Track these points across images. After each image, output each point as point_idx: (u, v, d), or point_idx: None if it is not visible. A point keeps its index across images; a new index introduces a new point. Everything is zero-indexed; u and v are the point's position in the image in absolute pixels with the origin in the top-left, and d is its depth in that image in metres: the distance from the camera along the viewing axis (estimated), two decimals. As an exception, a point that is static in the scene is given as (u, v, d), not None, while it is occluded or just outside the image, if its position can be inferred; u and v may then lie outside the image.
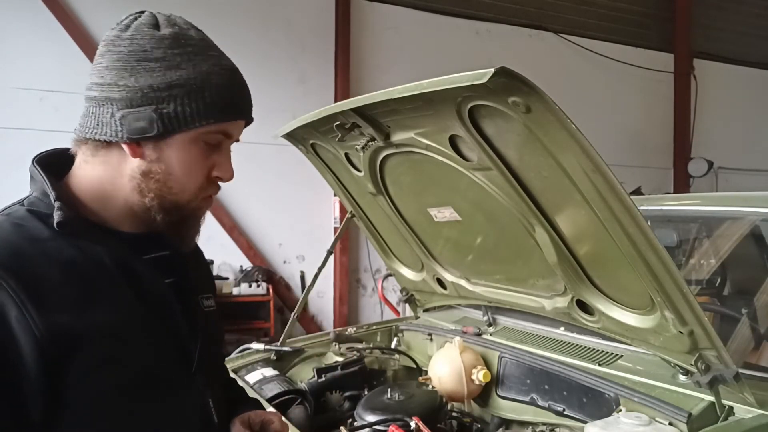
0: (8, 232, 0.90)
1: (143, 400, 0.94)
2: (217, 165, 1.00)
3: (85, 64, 5.53)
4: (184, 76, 0.92)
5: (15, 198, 0.99)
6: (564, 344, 1.99)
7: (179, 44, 0.94)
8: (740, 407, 1.46)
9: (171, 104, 0.91)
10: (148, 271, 0.99)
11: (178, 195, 0.97)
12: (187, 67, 0.93)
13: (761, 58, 9.25)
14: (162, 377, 0.97)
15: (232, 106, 0.97)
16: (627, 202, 1.26)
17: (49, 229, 0.91)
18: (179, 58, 0.93)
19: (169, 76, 0.91)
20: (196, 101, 0.93)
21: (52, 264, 0.88)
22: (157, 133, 0.92)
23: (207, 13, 5.91)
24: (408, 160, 1.67)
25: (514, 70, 1.11)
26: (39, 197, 0.96)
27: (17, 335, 0.82)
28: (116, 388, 0.90)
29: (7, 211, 0.94)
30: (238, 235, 6.15)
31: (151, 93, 0.91)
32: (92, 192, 0.97)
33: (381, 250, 2.41)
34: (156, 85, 0.91)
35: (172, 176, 0.95)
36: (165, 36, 0.93)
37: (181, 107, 0.92)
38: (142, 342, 0.95)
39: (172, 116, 0.92)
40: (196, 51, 0.95)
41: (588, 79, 7.98)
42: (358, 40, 6.77)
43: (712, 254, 2.45)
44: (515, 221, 1.58)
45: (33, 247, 0.89)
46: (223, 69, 0.96)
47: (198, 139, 0.95)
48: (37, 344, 0.82)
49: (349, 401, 2.14)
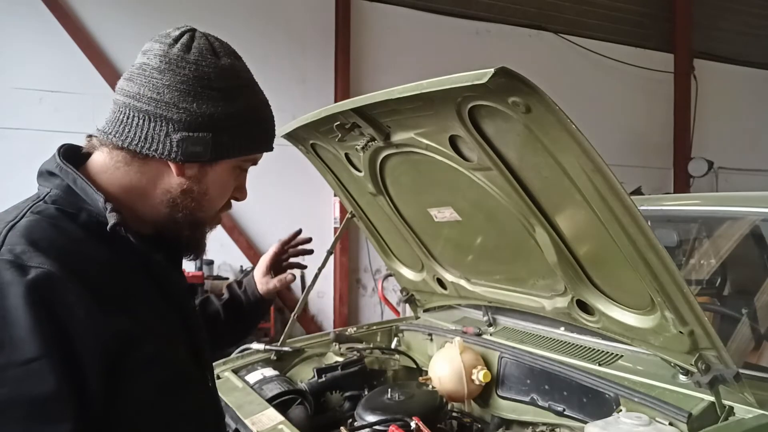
0: (52, 232, 0.89)
1: (174, 396, 0.97)
2: (238, 187, 1.08)
3: (85, 64, 5.54)
4: (239, 110, 0.99)
5: (15, 198, 0.99)
6: (564, 344, 1.99)
7: (236, 77, 1.00)
8: (740, 407, 1.46)
9: (226, 134, 0.97)
10: (173, 272, 1.04)
11: (206, 213, 1.04)
12: (241, 101, 1.00)
13: (761, 58, 9.25)
14: (186, 374, 1.01)
15: (268, 138, 1.06)
16: (627, 202, 1.26)
17: (80, 230, 0.92)
18: (236, 92, 0.99)
19: (228, 108, 0.97)
20: (246, 134, 1.01)
21: (95, 265, 0.90)
22: (209, 159, 0.98)
23: (207, 13, 5.92)
24: (408, 160, 1.67)
25: (514, 70, 1.11)
26: (62, 195, 0.95)
27: (84, 336, 0.83)
28: (155, 385, 0.93)
29: (35, 209, 0.93)
30: (238, 235, 6.15)
31: (209, 122, 0.96)
32: (121, 196, 0.98)
33: (381, 250, 2.40)
34: (216, 114, 0.96)
35: (207, 197, 1.02)
36: (225, 67, 0.99)
37: (234, 139, 0.99)
38: (173, 340, 0.99)
39: (226, 144, 0.98)
40: (248, 84, 1.03)
41: (588, 79, 7.98)
42: (358, 40, 6.78)
43: (712, 254, 2.45)
44: (515, 221, 1.58)
45: (76, 248, 0.89)
46: (264, 105, 1.06)
47: (237, 166, 1.04)
48: (101, 343, 0.84)
49: (349, 401, 2.14)
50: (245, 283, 1.54)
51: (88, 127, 1.04)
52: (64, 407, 0.80)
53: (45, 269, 0.82)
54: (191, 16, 5.76)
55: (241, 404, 1.83)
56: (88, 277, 0.86)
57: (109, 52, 5.67)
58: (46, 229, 0.89)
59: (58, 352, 0.80)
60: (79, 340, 0.82)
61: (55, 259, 0.84)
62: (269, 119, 1.06)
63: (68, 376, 0.81)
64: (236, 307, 1.50)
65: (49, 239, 0.87)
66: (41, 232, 0.88)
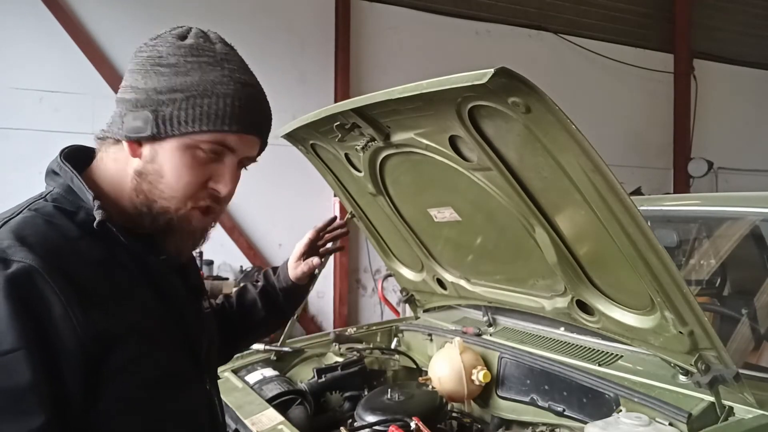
0: (44, 229, 0.90)
1: (162, 397, 0.96)
2: (215, 177, 0.97)
3: (85, 64, 5.54)
4: (188, 82, 0.92)
5: (15, 197, 0.99)
6: (564, 344, 1.99)
7: (195, 53, 0.94)
8: (740, 407, 1.46)
9: (169, 107, 0.92)
10: (168, 272, 1.02)
11: (168, 201, 0.96)
12: (194, 74, 0.93)
13: (761, 58, 9.25)
14: (177, 375, 1.00)
15: (231, 117, 0.93)
16: (627, 202, 1.26)
17: (76, 228, 0.92)
18: (190, 66, 0.93)
19: (174, 81, 0.92)
20: (193, 107, 0.92)
21: (84, 263, 0.90)
22: (152, 134, 0.93)
23: (207, 13, 5.92)
24: (408, 160, 1.67)
25: (514, 71, 1.11)
26: (62, 193, 0.96)
27: (61, 332, 0.83)
28: (141, 385, 0.92)
29: (34, 206, 0.94)
30: (238, 236, 6.15)
31: (153, 95, 0.92)
32: (109, 188, 0.99)
33: (381, 250, 2.40)
34: (159, 88, 0.92)
35: (163, 180, 0.95)
36: (184, 45, 0.95)
37: (178, 111, 0.92)
38: (164, 341, 0.97)
39: (167, 119, 0.92)
40: (211, 62, 0.95)
41: (588, 80, 7.98)
42: (358, 40, 6.78)
43: (712, 254, 2.45)
44: (515, 221, 1.58)
45: (68, 246, 0.90)
46: (233, 80, 0.95)
47: (193, 146, 0.94)
48: (80, 342, 0.84)
49: (349, 402, 2.14)
50: (279, 269, 1.55)
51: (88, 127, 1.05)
52: (38, 400, 0.80)
53: (25, 264, 0.82)
54: (191, 16, 5.77)
55: (241, 404, 1.83)
56: (73, 275, 0.86)
57: (109, 52, 5.67)
58: (38, 225, 0.90)
59: (34, 345, 0.81)
60: (55, 335, 0.83)
61: (39, 254, 0.84)
62: (236, 96, 0.94)
63: (44, 370, 0.81)
64: (271, 293, 1.51)
65: (38, 235, 0.88)
66: (32, 228, 0.89)
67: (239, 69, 0.97)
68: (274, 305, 1.51)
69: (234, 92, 0.94)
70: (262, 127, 1.00)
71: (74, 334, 0.83)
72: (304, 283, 1.54)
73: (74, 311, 0.84)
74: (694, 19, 8.72)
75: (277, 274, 1.54)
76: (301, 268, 1.51)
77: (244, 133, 0.97)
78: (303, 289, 1.55)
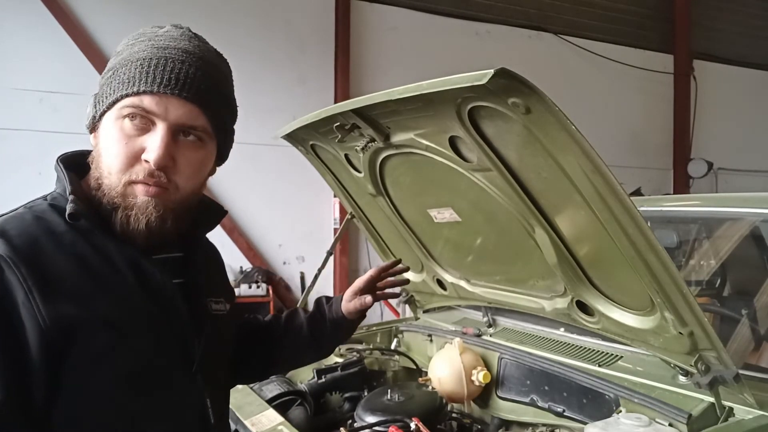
0: (28, 223, 0.93)
1: (138, 394, 0.95)
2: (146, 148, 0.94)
3: (85, 65, 5.54)
4: (118, 60, 0.98)
5: (15, 198, 1.01)
6: (564, 345, 1.99)
7: (136, 37, 0.99)
8: (740, 408, 1.46)
9: (103, 87, 0.98)
10: (157, 270, 1.00)
11: (108, 178, 0.96)
12: (124, 52, 0.98)
13: (761, 59, 9.25)
14: (160, 374, 0.99)
15: (142, 77, 0.93)
16: (627, 202, 1.26)
17: (65, 224, 0.94)
18: (125, 47, 0.99)
19: (112, 62, 0.99)
20: (114, 79, 0.96)
21: (63, 256, 0.91)
22: (93, 116, 0.99)
23: (206, 15, 5.92)
24: (408, 161, 1.67)
25: (513, 71, 1.11)
26: (61, 193, 0.99)
27: (23, 319, 0.85)
28: (112, 380, 0.92)
29: (30, 204, 0.98)
30: (238, 236, 6.15)
31: (101, 81, 0.99)
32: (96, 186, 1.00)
33: (381, 250, 2.40)
34: (103, 73, 0.99)
35: (102, 158, 0.97)
36: (140, 32, 1.00)
37: (106, 87, 0.97)
38: (143, 338, 0.96)
39: (100, 97, 0.98)
40: (144, 39, 0.98)
41: (588, 80, 7.99)
42: (357, 40, 6.78)
43: (712, 255, 2.45)
44: (515, 222, 1.58)
45: (48, 239, 0.92)
46: (155, 48, 0.96)
47: (119, 116, 0.95)
48: (41, 330, 0.85)
49: (349, 402, 2.14)
50: (333, 300, 1.50)
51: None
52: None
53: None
54: (191, 17, 5.77)
55: (241, 405, 1.83)
56: (42, 266, 0.88)
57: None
58: (25, 220, 0.93)
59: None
60: (18, 321, 0.85)
61: (13, 246, 0.87)
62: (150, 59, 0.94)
63: (4, 351, 0.83)
64: (319, 321, 1.46)
65: (19, 229, 0.91)
66: (17, 222, 0.92)
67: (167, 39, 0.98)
68: (319, 334, 1.45)
69: (149, 56, 0.95)
70: (185, 86, 0.95)
71: (35, 321, 0.85)
72: (353, 318, 1.46)
73: (36, 299, 0.85)
74: (693, 20, 8.73)
75: (329, 304, 1.49)
76: (354, 303, 1.44)
77: (161, 93, 0.93)
78: (350, 325, 1.48)
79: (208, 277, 1.18)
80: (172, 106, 0.95)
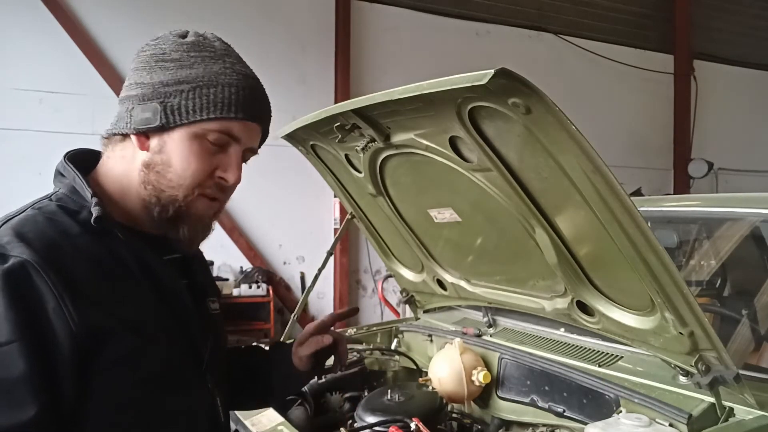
0: (43, 224, 0.92)
1: (157, 395, 0.96)
2: (222, 166, 1.00)
3: (86, 65, 5.54)
4: (193, 74, 0.96)
5: (15, 198, 1.00)
6: (564, 345, 1.98)
7: (197, 48, 0.99)
8: (741, 408, 1.46)
9: (177, 98, 0.95)
10: (168, 271, 1.02)
11: (176, 189, 0.98)
12: (198, 67, 0.97)
13: (761, 59, 9.26)
14: (175, 375, 1.00)
15: (236, 105, 0.97)
16: (627, 203, 1.26)
17: (78, 225, 0.94)
18: (193, 60, 0.97)
19: (180, 73, 0.96)
20: (200, 97, 0.96)
21: (82, 259, 0.91)
22: (160, 125, 0.96)
23: (207, 13, 5.92)
24: (408, 161, 1.67)
25: (514, 72, 1.11)
26: (67, 193, 0.99)
27: (55, 326, 0.85)
28: (134, 383, 0.93)
29: (38, 205, 0.97)
30: (239, 236, 6.15)
31: (160, 88, 0.96)
32: (114, 187, 1.01)
33: (381, 251, 2.40)
34: (166, 81, 0.96)
35: (171, 169, 0.97)
36: (186, 42, 0.99)
37: (185, 101, 0.95)
38: (160, 340, 0.97)
39: (175, 109, 0.95)
40: (213, 55, 0.99)
41: (588, 80, 7.99)
42: (358, 41, 6.78)
43: (713, 255, 2.45)
44: (515, 222, 1.58)
45: (66, 242, 0.91)
46: (235, 72, 0.99)
47: (200, 135, 0.97)
48: (72, 336, 0.85)
49: (349, 402, 2.14)
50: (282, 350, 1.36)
51: (88, 128, 1.06)
52: (30, 392, 0.82)
53: (22, 259, 0.84)
54: (191, 16, 5.77)
55: (241, 405, 1.83)
56: (68, 270, 0.87)
57: (109, 52, 5.68)
58: (38, 222, 0.92)
59: (28, 337, 0.82)
60: (49, 329, 0.84)
61: (36, 250, 0.86)
62: (239, 86, 0.98)
63: (37, 362, 0.83)
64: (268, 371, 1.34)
65: (37, 231, 0.90)
66: (32, 225, 0.91)
67: (239, 62, 1.02)
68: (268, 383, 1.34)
69: (237, 82, 0.98)
70: (263, 116, 1.04)
71: (67, 327, 0.85)
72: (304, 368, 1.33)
73: (67, 305, 0.85)
74: (694, 20, 8.73)
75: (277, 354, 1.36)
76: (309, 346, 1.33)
77: (249, 121, 1.00)
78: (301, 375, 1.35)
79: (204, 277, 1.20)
80: (251, 133, 1.02)
